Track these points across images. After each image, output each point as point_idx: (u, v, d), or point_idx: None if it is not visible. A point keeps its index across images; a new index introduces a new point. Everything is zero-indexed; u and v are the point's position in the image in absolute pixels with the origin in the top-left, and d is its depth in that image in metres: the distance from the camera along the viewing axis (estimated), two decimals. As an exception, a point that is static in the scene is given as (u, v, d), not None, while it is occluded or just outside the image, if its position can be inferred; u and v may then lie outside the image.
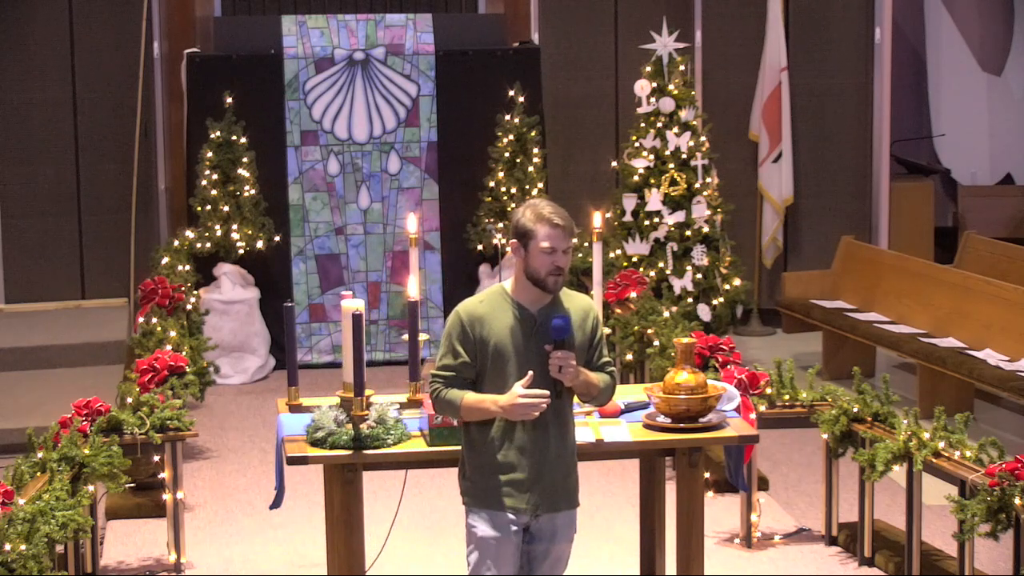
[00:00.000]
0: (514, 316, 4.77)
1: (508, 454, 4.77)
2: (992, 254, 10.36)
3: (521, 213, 4.77)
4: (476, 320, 4.77)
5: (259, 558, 7.04)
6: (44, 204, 11.09)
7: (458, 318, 4.80)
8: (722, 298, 10.26)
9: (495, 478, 4.78)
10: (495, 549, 4.82)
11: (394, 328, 10.64)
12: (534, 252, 4.72)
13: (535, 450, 4.77)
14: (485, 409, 4.76)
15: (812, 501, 7.66)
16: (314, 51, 10.53)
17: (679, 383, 5.55)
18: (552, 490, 4.81)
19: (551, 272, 4.73)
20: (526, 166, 10.54)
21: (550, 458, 4.79)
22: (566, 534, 4.89)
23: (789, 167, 11.47)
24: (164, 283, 9.10)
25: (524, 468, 4.76)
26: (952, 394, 8.95)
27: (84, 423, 6.56)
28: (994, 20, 13.49)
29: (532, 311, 4.79)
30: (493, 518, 4.80)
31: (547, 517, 4.83)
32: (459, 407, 4.78)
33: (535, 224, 4.72)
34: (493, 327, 4.76)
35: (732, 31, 11.68)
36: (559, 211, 4.76)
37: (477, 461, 4.83)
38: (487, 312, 4.78)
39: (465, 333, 4.77)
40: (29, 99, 11.02)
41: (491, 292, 4.85)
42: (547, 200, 4.82)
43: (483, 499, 4.82)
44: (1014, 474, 5.69)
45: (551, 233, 4.71)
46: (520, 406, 4.67)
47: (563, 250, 4.73)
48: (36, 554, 5.37)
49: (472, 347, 4.77)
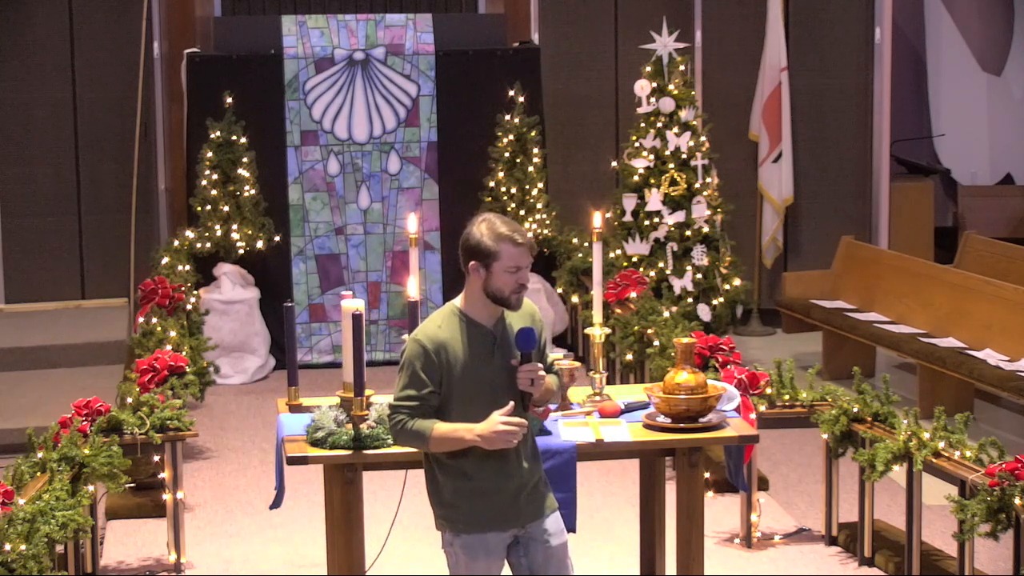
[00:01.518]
0: (473, 336, 4.68)
1: (489, 474, 4.69)
2: (992, 254, 10.36)
3: (478, 232, 4.66)
4: (440, 346, 4.65)
5: (259, 558, 7.04)
6: (44, 204, 11.09)
7: (420, 346, 4.66)
8: (722, 298, 10.27)
9: (482, 500, 4.70)
10: (483, 571, 4.75)
11: (394, 328, 10.64)
12: (497, 272, 4.64)
13: (513, 463, 4.71)
14: (459, 438, 4.62)
15: (812, 501, 7.66)
16: (314, 51, 10.53)
17: (679, 383, 5.55)
18: (535, 498, 4.78)
19: (515, 290, 4.66)
20: (526, 166, 10.54)
21: (525, 468, 4.75)
22: (559, 532, 4.84)
23: (789, 167, 11.48)
24: (164, 283, 9.10)
25: (506, 484, 4.70)
26: (952, 394, 8.95)
27: (84, 423, 6.56)
28: (994, 20, 13.48)
29: (489, 327, 4.72)
30: (484, 541, 4.73)
31: (537, 523, 4.79)
32: (428, 438, 4.64)
33: (496, 244, 4.63)
34: (456, 351, 4.66)
35: (732, 31, 11.68)
36: (518, 228, 4.66)
37: (457, 486, 4.71)
38: (449, 337, 4.67)
39: (430, 361, 4.65)
40: (29, 99, 11.02)
41: (445, 315, 4.74)
42: (500, 216, 4.72)
43: (471, 523, 4.72)
44: (1014, 474, 5.70)
45: (515, 252, 4.63)
46: (502, 434, 4.57)
47: (525, 266, 4.66)
48: (36, 554, 5.37)
49: (438, 375, 4.65)
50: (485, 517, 4.71)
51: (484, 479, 4.70)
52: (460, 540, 4.75)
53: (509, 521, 4.74)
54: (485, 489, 4.70)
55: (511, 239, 4.63)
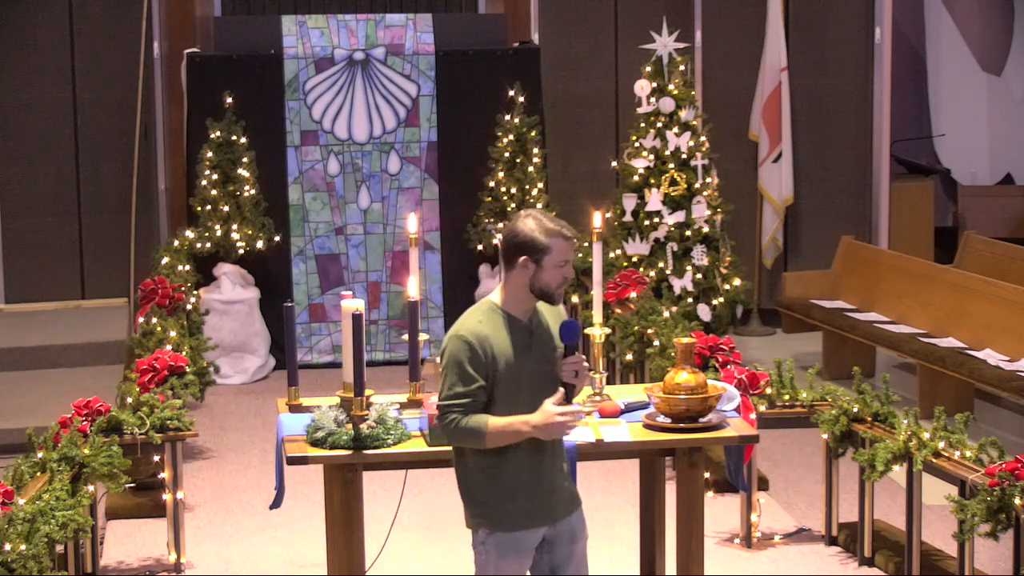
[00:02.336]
0: (513, 330, 4.70)
1: (524, 472, 4.70)
2: (992, 254, 10.36)
3: (527, 228, 4.66)
4: (484, 340, 4.65)
5: (259, 558, 7.04)
6: (44, 204, 11.09)
7: (465, 342, 4.64)
8: (722, 298, 10.26)
9: (516, 498, 4.70)
10: (514, 569, 4.76)
11: (394, 328, 10.64)
12: (547, 267, 4.66)
13: (546, 462, 4.73)
14: (516, 431, 4.61)
15: (812, 501, 7.66)
16: (314, 51, 10.53)
17: (679, 383, 5.55)
18: (563, 494, 4.79)
19: (560, 284, 4.71)
20: (526, 166, 10.54)
21: (557, 464, 4.77)
22: (582, 531, 4.88)
23: (789, 167, 11.48)
24: (164, 283, 9.10)
25: (540, 482, 4.72)
26: (952, 394, 8.95)
27: (84, 423, 6.56)
28: (994, 20, 13.49)
29: (525, 322, 4.74)
30: (516, 540, 4.73)
31: (564, 521, 4.80)
32: (485, 434, 4.62)
33: (548, 239, 4.64)
34: (499, 345, 4.67)
35: (732, 31, 11.68)
36: (564, 223, 4.74)
37: (492, 485, 4.71)
38: (491, 331, 4.68)
39: (476, 356, 4.63)
40: (29, 99, 11.02)
41: (484, 308, 4.74)
42: (543, 212, 4.76)
43: (506, 522, 4.71)
44: (1014, 474, 5.70)
45: (565, 247, 4.67)
46: (558, 424, 4.58)
47: (571, 261, 4.73)
48: (36, 554, 5.37)
49: (485, 369, 4.65)
50: (520, 515, 4.71)
51: (519, 477, 4.70)
52: (493, 539, 4.74)
53: (543, 519, 4.74)
54: (520, 487, 4.70)
55: (561, 234, 4.67)
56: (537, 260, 4.65)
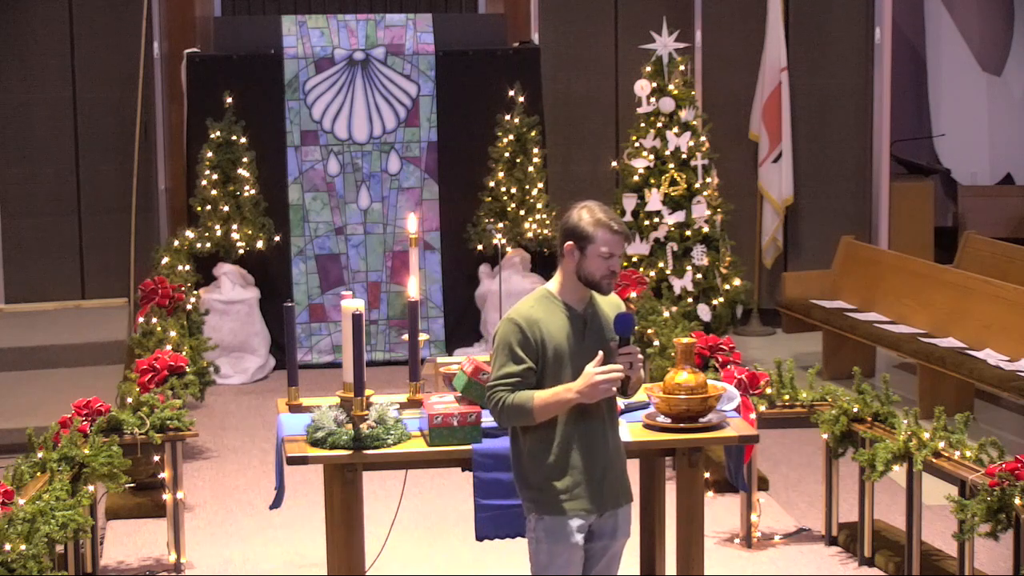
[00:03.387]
0: (566, 317, 4.76)
1: (574, 456, 4.74)
2: (992, 254, 10.37)
3: (577, 216, 4.77)
4: (534, 324, 4.73)
5: (259, 558, 7.04)
6: (44, 204, 11.09)
7: (515, 325, 4.73)
8: (722, 298, 10.26)
9: (565, 481, 4.74)
10: (568, 556, 4.78)
11: (394, 328, 10.64)
12: (591, 256, 4.73)
13: (597, 448, 4.76)
14: (560, 400, 4.67)
15: (812, 501, 7.66)
16: (314, 51, 10.53)
17: (679, 383, 5.55)
18: (615, 485, 4.81)
19: (606, 275, 4.75)
20: (526, 166, 10.54)
21: (610, 454, 4.80)
22: (625, 529, 4.88)
23: (789, 167, 11.48)
24: (164, 283, 9.10)
25: (591, 468, 4.75)
26: (952, 394, 8.95)
27: (84, 423, 6.56)
28: (994, 20, 13.49)
29: (579, 310, 4.80)
30: (566, 526, 4.75)
31: (610, 513, 4.82)
32: (532, 408, 4.68)
33: (594, 229, 4.72)
34: (550, 329, 4.74)
35: (732, 31, 11.68)
36: (616, 217, 4.79)
37: (541, 468, 4.75)
38: (542, 316, 4.75)
39: (526, 338, 4.71)
40: (29, 99, 11.02)
41: (539, 296, 4.82)
42: (601, 204, 4.82)
43: (554, 505, 4.75)
44: (1014, 474, 5.69)
45: (610, 239, 4.72)
46: (600, 383, 4.62)
47: (619, 255, 4.77)
48: (36, 554, 5.37)
49: (534, 351, 4.72)
50: (570, 500, 4.74)
51: (568, 457, 4.74)
52: (543, 524, 4.77)
53: (592, 506, 4.76)
54: (570, 471, 4.74)
55: (608, 226, 4.73)
56: (582, 248, 4.74)
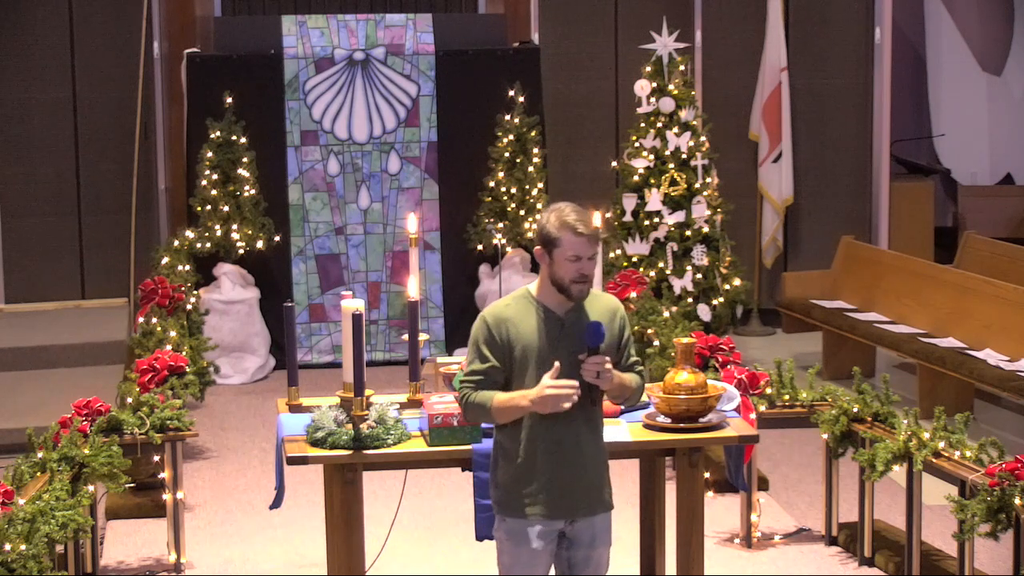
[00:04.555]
0: (541, 319, 4.70)
1: (541, 460, 4.70)
2: (992, 254, 10.36)
3: (546, 219, 4.69)
4: (503, 323, 4.70)
5: (259, 558, 7.04)
6: (44, 204, 11.09)
7: (484, 322, 4.72)
8: (722, 298, 10.26)
9: (528, 485, 4.71)
10: (527, 559, 4.75)
11: (394, 328, 10.64)
12: (559, 260, 4.65)
13: (568, 454, 4.71)
14: (516, 406, 4.66)
15: (812, 501, 7.66)
16: (314, 51, 10.53)
17: (679, 383, 5.55)
18: (588, 494, 4.76)
19: (575, 280, 4.67)
20: (526, 166, 10.54)
21: (585, 462, 4.73)
22: (604, 538, 4.84)
23: (789, 167, 11.48)
24: (164, 283, 9.10)
25: (557, 473, 4.70)
26: (952, 394, 8.95)
27: (84, 423, 6.56)
28: (994, 20, 13.49)
29: (559, 314, 4.72)
30: (528, 528, 4.73)
31: (584, 522, 4.77)
32: (490, 408, 4.69)
33: (560, 232, 4.64)
34: (520, 330, 4.69)
35: (732, 31, 11.68)
36: (584, 218, 4.68)
37: (509, 469, 4.74)
38: (513, 315, 4.71)
39: (492, 336, 4.69)
40: (29, 99, 11.02)
41: (517, 295, 4.78)
42: (573, 206, 4.73)
43: (515, 507, 4.73)
44: (1014, 474, 5.70)
45: (575, 242, 4.64)
46: (550, 397, 4.57)
47: (588, 257, 4.67)
48: (36, 554, 5.37)
49: (500, 350, 4.70)
50: (532, 503, 4.71)
51: (535, 464, 4.70)
52: (506, 525, 4.77)
53: (557, 511, 4.72)
54: (535, 475, 4.70)
55: (573, 228, 4.65)
56: (550, 252, 4.68)
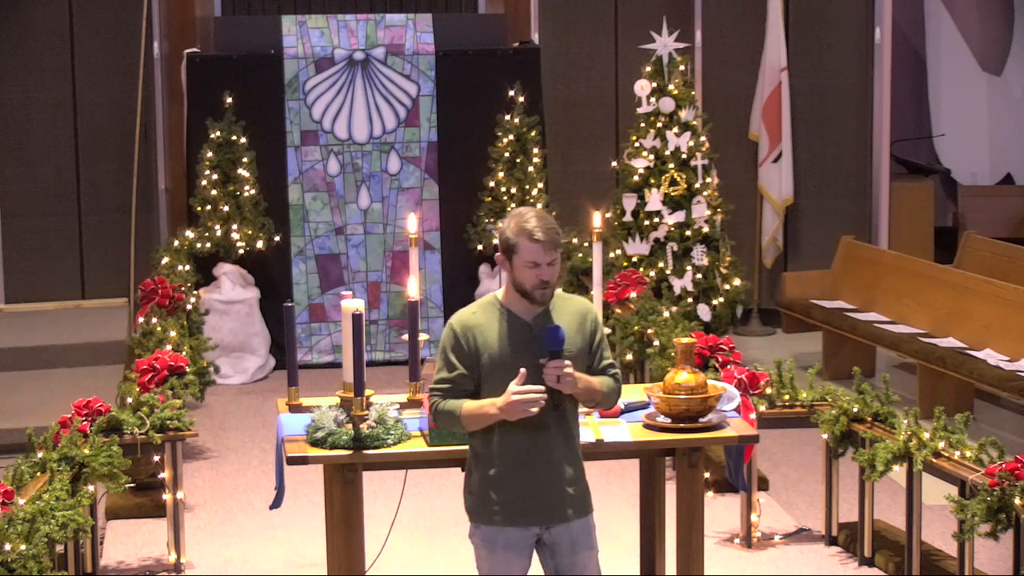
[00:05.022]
0: (508, 325, 4.69)
1: (511, 467, 4.69)
2: (992, 254, 10.36)
3: (506, 225, 4.68)
4: (470, 330, 4.70)
5: (259, 558, 7.04)
6: (44, 204, 11.08)
7: (452, 330, 4.72)
8: (722, 298, 10.26)
9: (500, 492, 4.71)
10: (502, 565, 4.75)
11: (394, 328, 10.64)
12: (518, 266, 4.65)
13: (539, 460, 4.69)
14: (485, 414, 4.66)
15: (812, 501, 7.66)
16: (314, 51, 10.53)
17: (679, 383, 5.55)
18: (561, 500, 4.74)
19: (536, 285, 4.66)
20: (526, 166, 10.54)
21: (555, 467, 4.72)
22: (585, 542, 4.80)
23: (789, 167, 11.48)
24: (164, 283, 9.10)
25: (528, 480, 4.69)
26: (952, 394, 8.95)
27: (84, 423, 6.56)
28: (994, 20, 13.49)
29: (526, 319, 4.71)
30: (502, 535, 4.73)
31: (561, 528, 4.75)
32: (459, 416, 4.69)
33: (517, 238, 4.63)
34: (487, 337, 4.69)
35: (732, 31, 11.68)
36: (543, 223, 4.65)
37: (481, 475, 4.75)
38: (481, 322, 4.71)
39: (459, 344, 4.70)
40: (29, 99, 11.01)
41: (484, 302, 4.78)
42: (534, 211, 4.71)
43: (489, 513, 4.74)
44: (1014, 474, 5.70)
45: (532, 248, 4.62)
46: (516, 403, 4.57)
47: (547, 263, 4.64)
48: (36, 554, 5.37)
49: (468, 358, 4.70)
50: (504, 510, 4.71)
51: (506, 471, 4.70)
52: (480, 532, 4.77)
53: (529, 518, 4.71)
54: (506, 481, 4.70)
55: (530, 234, 4.63)
56: (509, 258, 4.68)
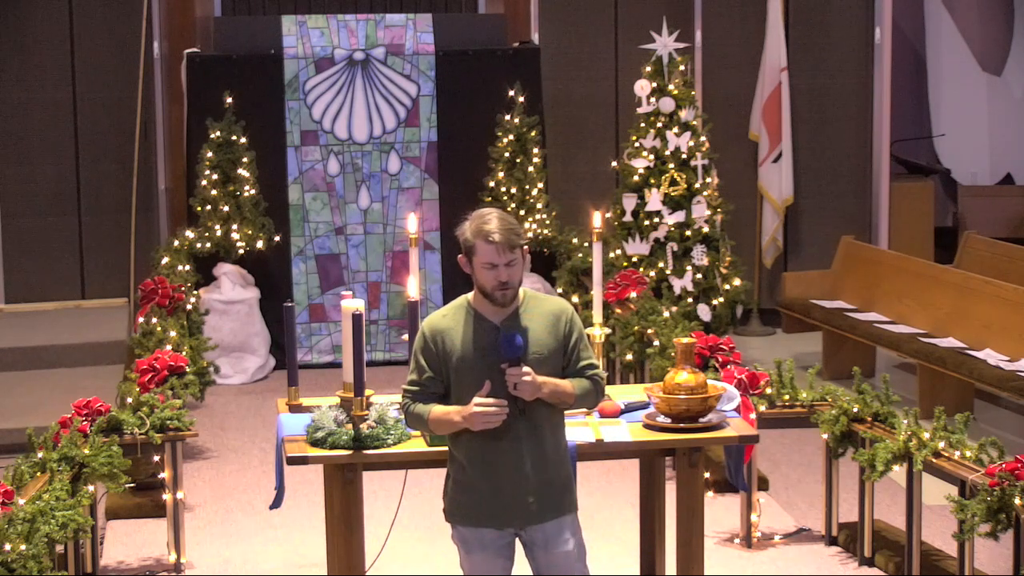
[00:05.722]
0: (476, 328, 4.70)
1: (480, 470, 4.72)
2: (992, 254, 10.36)
3: (465, 227, 4.69)
4: (439, 334, 4.72)
5: (259, 558, 7.04)
6: (44, 204, 11.09)
7: (422, 333, 4.75)
8: (722, 298, 10.26)
9: (472, 493, 4.74)
10: (480, 565, 4.79)
11: (394, 328, 10.64)
12: (477, 267, 4.66)
13: (509, 464, 4.70)
14: (449, 420, 4.69)
15: (812, 501, 7.66)
16: (314, 51, 10.53)
17: (679, 383, 5.55)
18: (535, 501, 4.74)
19: (495, 287, 4.66)
20: (526, 166, 10.54)
21: (526, 471, 4.71)
22: (559, 541, 4.79)
23: (789, 167, 11.48)
24: (164, 283, 9.10)
25: (499, 481, 4.71)
26: (952, 394, 8.95)
27: (84, 423, 6.56)
28: (994, 20, 13.49)
29: (495, 322, 4.71)
30: (479, 536, 4.77)
31: (535, 528, 4.76)
32: (427, 420, 4.74)
33: (475, 239, 4.65)
34: (455, 340, 4.70)
35: (732, 31, 11.68)
36: (501, 224, 4.64)
37: (455, 476, 4.80)
38: (450, 326, 4.72)
39: (428, 348, 4.73)
40: (29, 99, 11.02)
41: (455, 304, 4.79)
42: (495, 212, 4.71)
43: (461, 515, 4.79)
44: (1014, 474, 5.69)
45: (488, 249, 4.62)
46: (477, 415, 4.60)
47: (504, 263, 4.64)
48: (36, 554, 5.37)
49: (436, 361, 4.72)
50: (476, 512, 4.75)
51: (476, 474, 4.73)
52: (457, 532, 4.82)
53: (501, 519, 4.74)
54: (476, 484, 4.74)
55: (485, 235, 4.64)
56: (469, 259, 4.70)
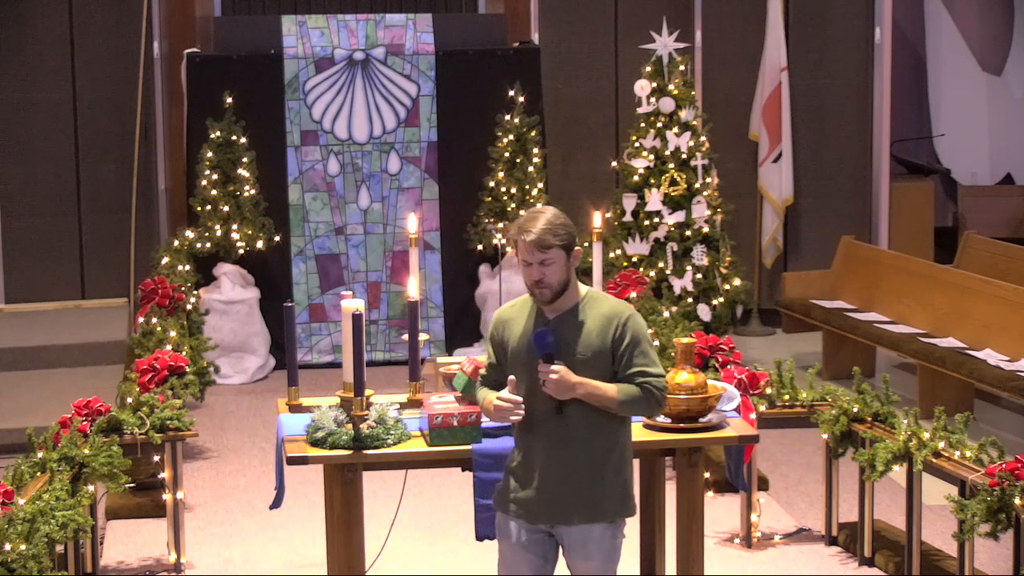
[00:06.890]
0: (532, 322, 4.76)
1: (519, 462, 4.79)
2: (992, 254, 10.36)
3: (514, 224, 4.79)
4: (503, 323, 4.84)
5: (259, 558, 7.04)
6: (44, 204, 11.09)
7: (492, 322, 4.90)
8: (722, 298, 10.26)
9: (511, 484, 4.81)
10: (509, 554, 4.85)
11: (394, 328, 10.64)
12: (520, 264, 4.74)
13: (539, 459, 4.73)
14: (485, 408, 4.85)
15: (812, 501, 7.66)
16: (314, 51, 10.53)
17: (679, 383, 5.55)
18: (558, 503, 4.72)
19: (532, 285, 4.70)
20: (526, 166, 10.54)
21: (553, 471, 4.71)
22: (582, 551, 4.75)
23: (789, 167, 11.48)
24: (164, 283, 9.10)
25: (529, 475, 4.75)
26: (952, 394, 8.95)
27: (84, 423, 6.56)
28: (994, 20, 13.49)
29: (548, 317, 4.74)
30: (509, 525, 4.83)
31: (563, 529, 4.76)
32: (481, 404, 4.91)
33: (516, 235, 4.71)
34: (515, 331, 4.78)
35: (732, 31, 11.68)
36: (541, 222, 4.65)
37: (507, 463, 4.90)
38: (512, 316, 4.83)
39: (493, 335, 4.86)
40: (29, 99, 11.02)
41: (523, 298, 4.87)
42: (547, 210, 4.73)
43: (498, 501, 4.88)
44: (1014, 474, 5.70)
45: (522, 247, 4.67)
46: (495, 408, 4.72)
47: (539, 262, 4.65)
48: (36, 554, 5.37)
49: (498, 348, 4.84)
50: (511, 502, 4.80)
51: (515, 464, 4.82)
52: (497, 517, 4.90)
53: (532, 515, 4.76)
54: (517, 475, 4.81)
55: (523, 233, 4.69)
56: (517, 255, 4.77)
